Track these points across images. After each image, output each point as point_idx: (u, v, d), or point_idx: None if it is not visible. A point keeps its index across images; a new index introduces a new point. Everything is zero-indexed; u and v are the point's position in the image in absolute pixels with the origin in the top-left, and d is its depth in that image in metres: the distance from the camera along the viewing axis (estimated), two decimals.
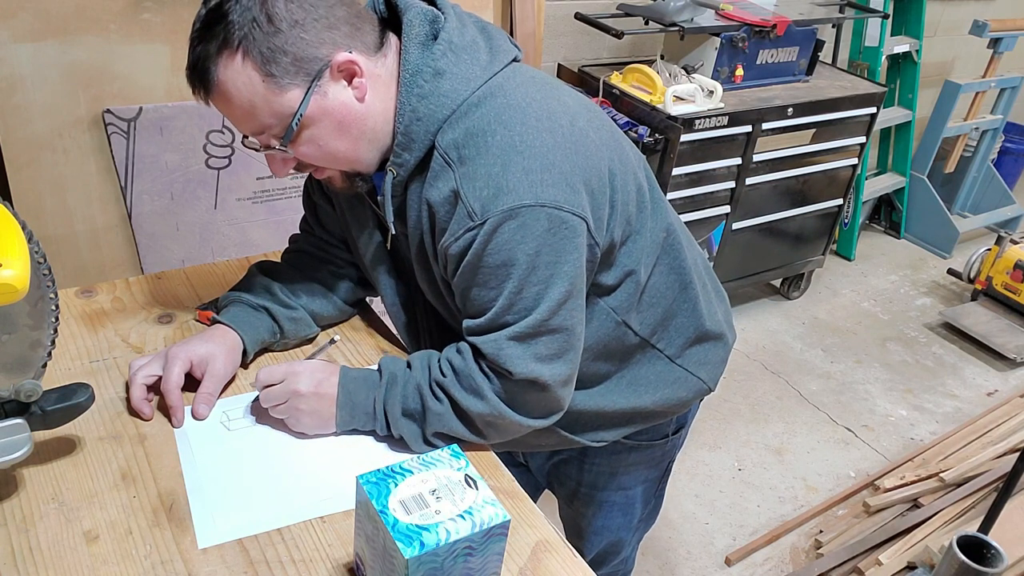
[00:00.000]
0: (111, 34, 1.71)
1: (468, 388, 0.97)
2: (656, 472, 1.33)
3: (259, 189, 2.01)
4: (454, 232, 0.92)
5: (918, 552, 2.06)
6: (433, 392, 0.99)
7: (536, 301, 0.93)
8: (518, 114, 0.92)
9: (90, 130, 1.77)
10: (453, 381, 0.98)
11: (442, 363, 1.00)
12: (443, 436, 1.00)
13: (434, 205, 0.94)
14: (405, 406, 0.99)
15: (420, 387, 0.99)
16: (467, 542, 0.73)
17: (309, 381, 0.99)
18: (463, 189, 0.91)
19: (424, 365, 1.01)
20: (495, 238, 0.91)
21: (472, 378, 0.97)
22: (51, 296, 0.92)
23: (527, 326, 0.94)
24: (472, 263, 0.93)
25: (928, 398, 2.86)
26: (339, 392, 0.99)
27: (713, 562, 2.13)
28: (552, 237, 0.91)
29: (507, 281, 0.92)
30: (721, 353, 1.21)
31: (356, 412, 1.00)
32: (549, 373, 0.96)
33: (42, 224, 1.79)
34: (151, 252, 1.94)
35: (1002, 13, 3.63)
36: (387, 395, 1.00)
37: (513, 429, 1.01)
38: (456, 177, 0.92)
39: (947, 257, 3.79)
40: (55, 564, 0.81)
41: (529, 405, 0.99)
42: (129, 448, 0.96)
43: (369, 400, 1.00)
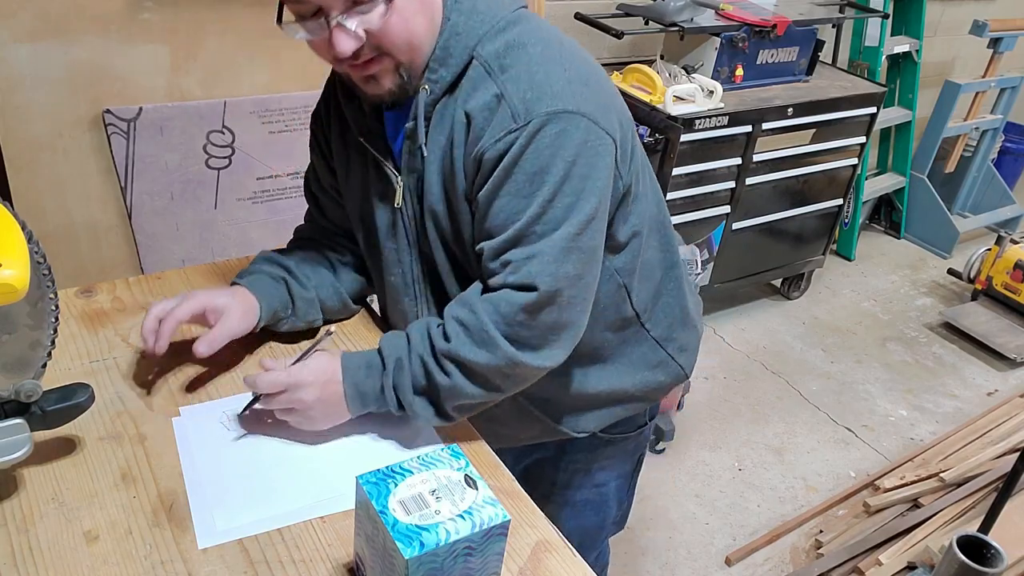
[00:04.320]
0: (111, 34, 1.71)
1: (479, 342, 0.95)
2: (629, 466, 1.35)
3: (259, 189, 2.01)
4: (494, 135, 0.92)
5: (918, 552, 2.06)
6: (440, 365, 0.97)
7: (567, 213, 0.93)
8: (554, 35, 0.96)
9: (90, 130, 1.77)
10: (462, 340, 0.95)
11: (445, 327, 0.98)
12: (458, 406, 0.99)
13: (473, 113, 0.94)
14: (415, 384, 0.98)
15: (425, 363, 0.97)
16: (467, 542, 0.73)
17: (313, 390, 0.97)
18: (507, 92, 0.92)
19: (423, 336, 0.99)
20: (535, 141, 0.91)
21: (484, 329, 0.94)
22: (51, 296, 0.92)
23: (562, 238, 0.93)
24: (507, 167, 0.92)
25: (928, 398, 2.86)
26: (346, 387, 0.99)
27: (713, 562, 2.13)
28: (587, 149, 0.92)
29: (541, 188, 0.92)
30: (696, 342, 1.24)
31: (367, 400, 1.00)
32: (569, 290, 0.96)
33: (42, 224, 1.79)
34: (151, 252, 1.94)
35: (1002, 13, 3.63)
36: (395, 379, 0.98)
37: (529, 374, 1.00)
38: (499, 82, 0.93)
39: (947, 257, 3.79)
40: (55, 564, 0.81)
41: (543, 338, 0.97)
42: (129, 448, 0.96)
43: (377, 386, 0.99)
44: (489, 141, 0.92)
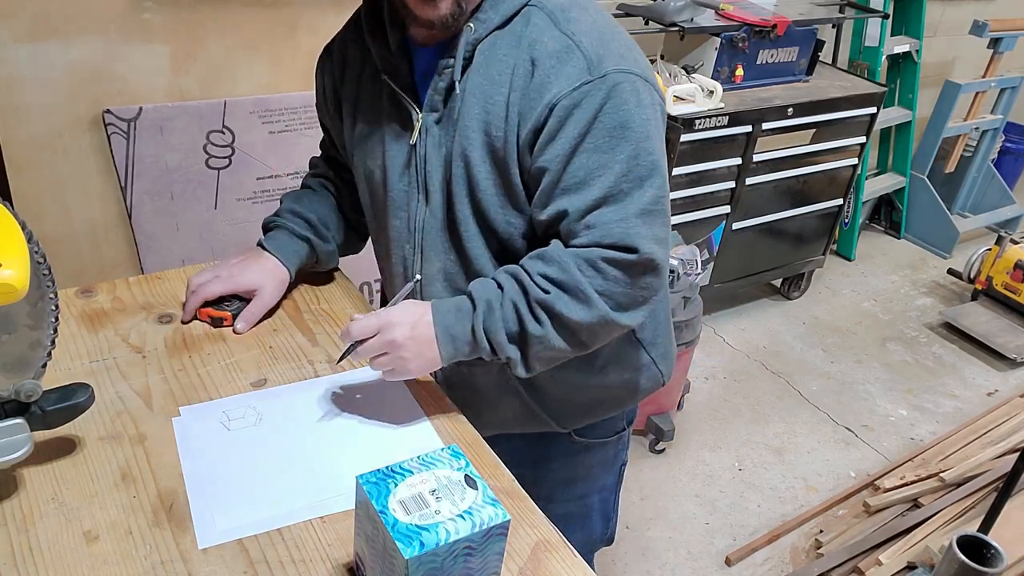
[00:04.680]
0: (111, 34, 1.71)
1: (577, 297, 0.95)
2: (611, 477, 1.35)
3: (259, 189, 2.01)
4: (569, 83, 0.91)
5: (918, 552, 2.06)
6: (533, 314, 0.96)
7: (650, 171, 0.93)
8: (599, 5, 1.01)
9: (90, 130, 1.77)
10: (558, 295, 0.95)
11: (536, 279, 0.96)
12: (543, 356, 0.99)
13: (540, 59, 0.93)
14: (508, 330, 0.98)
15: (518, 309, 0.96)
16: (467, 542, 0.73)
17: (404, 328, 0.96)
18: (580, 43, 0.92)
19: (515, 285, 0.98)
20: (614, 95, 0.91)
21: (580, 287, 0.94)
22: (51, 296, 0.92)
23: (651, 198, 0.93)
24: (587, 119, 0.91)
25: (928, 398, 2.86)
26: (436, 330, 0.98)
27: (713, 562, 2.13)
28: (656, 113, 0.94)
29: (623, 143, 0.91)
30: (673, 350, 1.26)
31: (459, 344, 0.99)
32: (661, 255, 0.96)
33: (42, 224, 1.79)
34: (151, 252, 1.94)
35: (1002, 13, 3.63)
36: (486, 322, 0.97)
37: (613, 331, 1.00)
38: (568, 32, 0.93)
39: (947, 257, 3.79)
40: (55, 564, 0.81)
41: (634, 299, 0.97)
42: (129, 448, 0.96)
43: (467, 328, 0.98)
44: (564, 88, 0.91)
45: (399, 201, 1.08)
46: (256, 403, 1.05)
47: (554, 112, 0.92)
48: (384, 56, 1.04)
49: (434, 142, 1.02)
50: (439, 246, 1.07)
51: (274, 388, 1.08)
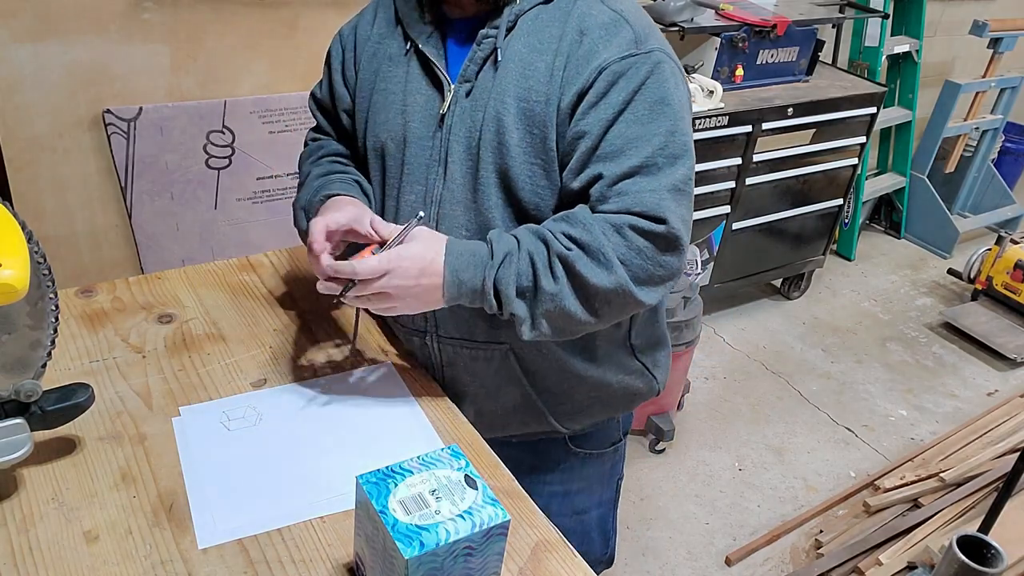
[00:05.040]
0: (111, 34, 1.71)
1: (597, 260, 0.94)
2: (609, 492, 1.34)
3: (259, 189, 2.01)
4: (618, 51, 0.95)
5: (918, 552, 2.06)
6: (551, 268, 0.95)
7: (683, 150, 0.96)
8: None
9: (90, 130, 1.77)
10: (579, 254, 0.94)
11: (559, 237, 0.95)
12: (553, 316, 0.97)
13: (589, 29, 0.97)
14: (519, 284, 0.96)
15: (534, 262, 0.95)
16: (467, 542, 0.73)
17: (412, 274, 0.94)
18: (627, 16, 0.97)
19: (536, 239, 0.97)
20: (657, 71, 0.95)
21: (602, 250, 0.93)
22: (51, 296, 0.92)
23: (682, 177, 0.96)
24: (631, 89, 0.94)
25: (928, 398, 2.86)
26: (445, 271, 0.96)
27: (713, 562, 2.13)
28: (688, 99, 0.99)
29: (661, 118, 0.94)
30: (666, 362, 1.26)
31: (463, 290, 0.97)
32: (686, 235, 0.97)
33: (42, 224, 1.79)
34: (151, 252, 1.94)
35: (1002, 13, 3.63)
36: (500, 272, 0.95)
37: (628, 306, 0.99)
38: (617, 9, 0.98)
39: (947, 257, 3.79)
40: (55, 564, 0.81)
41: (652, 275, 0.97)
42: (129, 448, 0.96)
43: (478, 277, 0.96)
44: (613, 55, 0.95)
45: (416, 174, 1.07)
46: (256, 403, 1.05)
47: (602, 75, 0.95)
48: (420, 28, 1.06)
49: (462, 113, 1.03)
50: (458, 219, 1.05)
51: (274, 388, 1.08)
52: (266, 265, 1.35)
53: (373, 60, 1.11)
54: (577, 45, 0.97)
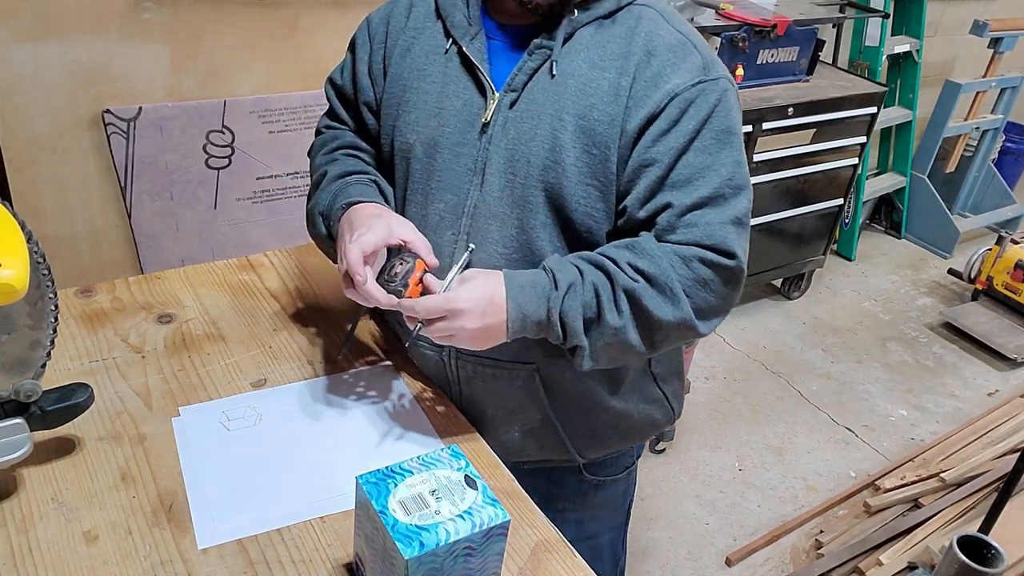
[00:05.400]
0: (111, 34, 1.71)
1: (664, 293, 0.92)
2: (620, 516, 1.32)
3: (259, 189, 2.01)
4: (688, 77, 0.93)
5: (918, 552, 2.06)
6: (616, 302, 0.92)
7: (746, 179, 0.95)
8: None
9: (90, 130, 1.77)
10: (646, 287, 0.92)
11: (624, 268, 0.92)
12: (613, 347, 0.95)
13: (657, 51, 0.94)
14: (586, 316, 0.92)
15: (599, 295, 0.92)
16: (467, 542, 0.73)
17: (473, 316, 0.90)
18: (695, 43, 0.95)
19: (597, 270, 0.93)
20: (724, 99, 0.93)
21: (669, 284, 0.91)
22: (51, 296, 0.92)
23: (744, 209, 0.95)
24: (701, 118, 0.92)
25: (928, 398, 2.86)
26: (508, 306, 0.91)
27: (713, 562, 2.13)
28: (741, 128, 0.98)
29: (728, 148, 0.93)
30: (682, 388, 1.24)
31: (527, 324, 0.93)
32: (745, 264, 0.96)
33: (42, 224, 1.79)
34: (151, 252, 1.94)
35: (1002, 13, 3.63)
36: (566, 304, 0.92)
37: (686, 337, 0.98)
38: (682, 31, 0.96)
39: (948, 257, 3.79)
40: (55, 564, 0.81)
41: (712, 308, 0.95)
42: (129, 448, 0.96)
43: (543, 309, 0.92)
44: (684, 82, 0.93)
45: (447, 181, 1.02)
46: (256, 403, 1.05)
47: (673, 102, 0.92)
48: (464, 27, 1.01)
49: (505, 123, 0.98)
50: (492, 234, 1.00)
51: (274, 388, 1.08)
52: (266, 265, 1.35)
53: (407, 55, 1.05)
54: (644, 65, 0.94)
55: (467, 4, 1.03)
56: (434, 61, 1.03)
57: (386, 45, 1.08)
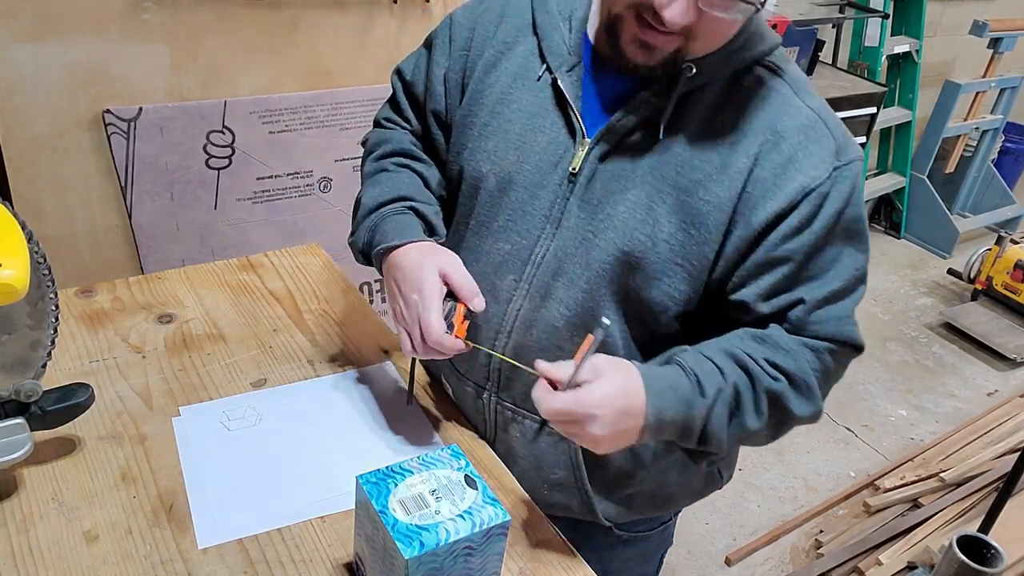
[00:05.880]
0: (111, 34, 1.71)
1: (802, 392, 0.87)
2: (651, 568, 1.21)
3: (259, 189, 2.01)
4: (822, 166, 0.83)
5: (918, 552, 2.06)
6: (757, 404, 0.85)
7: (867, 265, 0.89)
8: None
9: (90, 130, 1.77)
10: (787, 388, 0.85)
11: (764, 366, 0.85)
12: (739, 440, 0.89)
13: (786, 132, 0.84)
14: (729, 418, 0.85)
15: (740, 398, 0.85)
16: (467, 542, 0.73)
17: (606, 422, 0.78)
18: (827, 122, 0.85)
19: (737, 368, 0.85)
20: (855, 186, 0.85)
21: (807, 381, 0.86)
22: (51, 296, 0.92)
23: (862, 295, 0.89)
24: (835, 211, 0.84)
25: (928, 398, 2.86)
26: (648, 411, 0.81)
27: (713, 562, 2.13)
28: None
29: (859, 237, 0.87)
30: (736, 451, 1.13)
31: (664, 431, 0.83)
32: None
33: (42, 224, 1.79)
34: (151, 252, 1.94)
35: (1002, 13, 3.63)
36: (713, 412, 0.83)
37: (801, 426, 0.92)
38: (813, 106, 0.86)
39: (947, 257, 3.79)
40: (55, 564, 0.81)
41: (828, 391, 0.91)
42: (129, 448, 0.96)
43: (680, 415, 0.82)
44: (819, 173, 0.83)
45: (518, 223, 0.92)
46: (256, 403, 1.05)
47: (808, 199, 0.83)
48: (562, 55, 0.90)
49: (591, 174, 0.88)
50: (558, 291, 0.91)
51: (274, 388, 1.08)
52: (266, 265, 1.35)
53: (492, 72, 0.94)
54: (771, 149, 0.83)
55: (569, 26, 0.91)
56: (522, 86, 0.92)
57: (469, 53, 0.97)
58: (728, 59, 0.84)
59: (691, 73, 0.82)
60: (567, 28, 0.91)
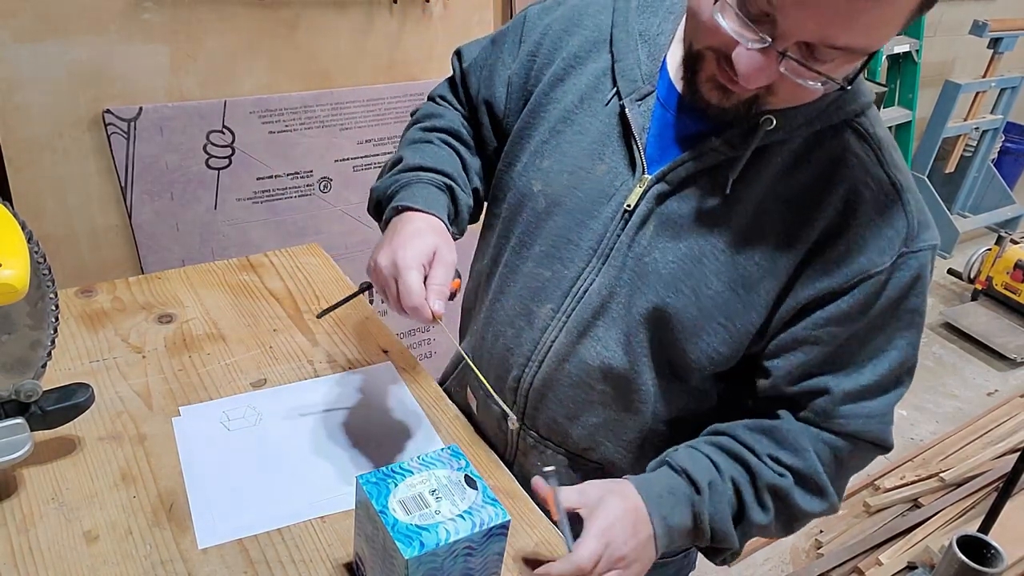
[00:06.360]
0: (111, 34, 1.71)
1: (809, 489, 0.83)
2: None
3: (259, 189, 2.01)
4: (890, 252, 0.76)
5: (918, 552, 2.06)
6: (759, 500, 0.83)
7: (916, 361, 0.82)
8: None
9: (90, 130, 1.77)
10: (792, 485, 0.83)
11: (767, 462, 0.83)
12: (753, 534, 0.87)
13: (857, 204, 0.76)
14: (734, 516, 0.84)
15: (741, 493, 0.83)
16: (467, 542, 0.73)
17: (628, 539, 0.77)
18: (906, 200, 0.77)
19: (735, 464, 0.83)
20: (920, 277, 0.77)
21: (817, 479, 0.82)
22: (51, 296, 0.92)
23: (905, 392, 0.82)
24: (891, 300, 0.77)
25: (928, 398, 2.86)
26: (655, 524, 0.80)
27: None
28: None
29: (911, 329, 0.79)
30: None
31: (674, 536, 0.82)
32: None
33: (42, 224, 1.79)
34: (151, 252, 1.94)
35: (1002, 13, 3.63)
36: (712, 507, 0.82)
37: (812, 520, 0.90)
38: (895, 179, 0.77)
39: (947, 257, 3.79)
40: (55, 564, 0.81)
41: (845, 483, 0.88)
42: (129, 448, 0.96)
43: (687, 516, 0.82)
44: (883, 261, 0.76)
45: (563, 251, 0.87)
46: (256, 403, 1.05)
47: (863, 286, 0.76)
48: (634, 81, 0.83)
49: (646, 215, 0.82)
50: (597, 330, 0.87)
51: (274, 388, 1.08)
52: (266, 265, 1.35)
53: (558, 87, 0.88)
54: (839, 221, 0.76)
55: (648, 51, 0.84)
56: (588, 108, 0.86)
57: (536, 59, 0.91)
58: (813, 117, 0.77)
59: (770, 127, 0.75)
60: (645, 52, 0.84)
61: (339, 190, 2.07)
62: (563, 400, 0.92)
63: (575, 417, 0.92)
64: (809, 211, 0.77)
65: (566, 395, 0.91)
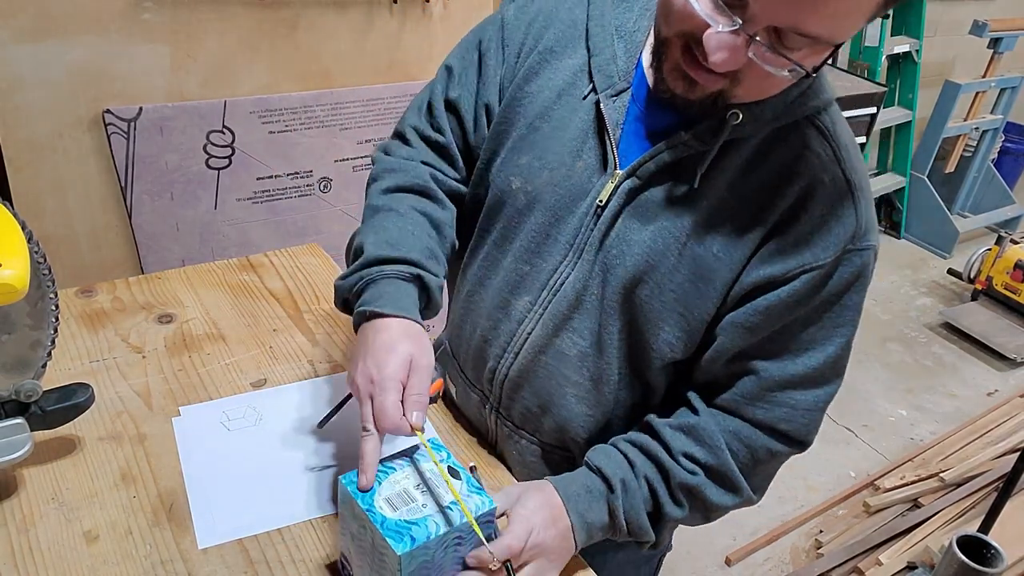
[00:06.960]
0: (111, 34, 1.71)
1: (723, 484, 0.86)
2: (646, 570, 1.20)
3: (259, 189, 2.01)
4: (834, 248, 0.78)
5: (918, 552, 2.06)
6: (673, 496, 0.87)
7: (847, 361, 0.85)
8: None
9: (90, 130, 1.77)
10: (705, 481, 0.86)
11: (681, 460, 0.86)
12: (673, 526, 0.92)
13: (810, 202, 0.77)
14: (647, 510, 0.87)
15: (655, 490, 0.86)
16: (456, 532, 0.73)
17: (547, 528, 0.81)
18: (858, 200, 0.78)
19: (650, 462, 0.87)
20: (862, 274, 0.79)
21: (729, 473, 0.85)
22: (51, 296, 0.92)
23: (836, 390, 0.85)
24: (834, 292, 0.79)
25: (928, 398, 2.86)
26: (572, 519, 0.84)
27: (713, 562, 2.13)
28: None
29: (847, 326, 0.82)
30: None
31: (593, 531, 0.86)
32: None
33: (42, 224, 1.79)
34: (151, 252, 1.94)
35: (1002, 13, 3.63)
36: (626, 503, 0.86)
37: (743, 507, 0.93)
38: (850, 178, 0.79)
39: (947, 257, 3.79)
40: (55, 564, 0.81)
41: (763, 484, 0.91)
42: (129, 448, 0.96)
43: (603, 512, 0.86)
44: (826, 256, 0.77)
45: (542, 246, 0.88)
46: (256, 403, 1.06)
47: (803, 277, 0.78)
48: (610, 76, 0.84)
49: (616, 210, 0.83)
50: (572, 322, 0.88)
51: (274, 388, 1.08)
52: (266, 265, 1.35)
53: (533, 80, 0.89)
54: (790, 211, 0.78)
55: (625, 46, 0.84)
56: (566, 104, 0.86)
57: (519, 56, 0.91)
58: (780, 112, 0.78)
59: (736, 120, 0.76)
60: (622, 48, 0.85)
61: (339, 190, 2.07)
62: (538, 391, 0.94)
63: (547, 408, 0.94)
64: (766, 204, 0.79)
65: (541, 386, 0.93)
